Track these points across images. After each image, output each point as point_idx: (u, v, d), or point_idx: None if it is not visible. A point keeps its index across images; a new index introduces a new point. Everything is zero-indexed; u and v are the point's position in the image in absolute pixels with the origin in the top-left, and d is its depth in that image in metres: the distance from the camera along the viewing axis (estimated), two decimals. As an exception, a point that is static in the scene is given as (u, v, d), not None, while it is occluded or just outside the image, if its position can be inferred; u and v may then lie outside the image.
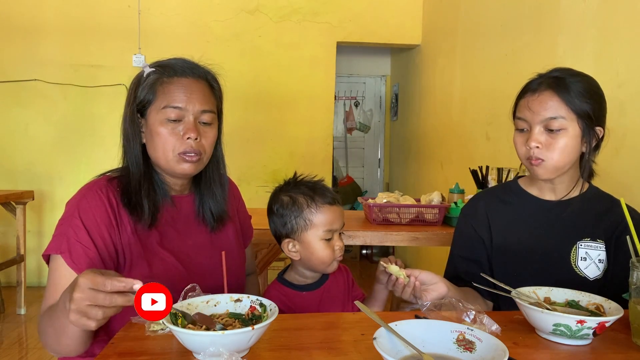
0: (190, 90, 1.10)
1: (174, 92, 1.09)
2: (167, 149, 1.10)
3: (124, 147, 1.15)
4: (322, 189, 1.20)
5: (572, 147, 1.15)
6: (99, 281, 0.76)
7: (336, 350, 0.83)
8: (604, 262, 1.19)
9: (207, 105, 1.12)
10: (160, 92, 1.10)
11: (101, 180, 1.13)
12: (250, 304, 0.90)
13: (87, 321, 0.78)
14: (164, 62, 1.15)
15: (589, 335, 0.86)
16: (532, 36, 2.54)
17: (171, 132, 1.09)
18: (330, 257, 1.18)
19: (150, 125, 1.10)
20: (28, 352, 2.85)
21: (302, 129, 4.33)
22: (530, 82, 1.20)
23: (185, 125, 1.09)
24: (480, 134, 3.09)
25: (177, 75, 1.11)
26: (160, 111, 1.09)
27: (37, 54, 4.01)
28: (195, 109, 1.10)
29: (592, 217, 1.22)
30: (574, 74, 1.17)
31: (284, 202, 1.19)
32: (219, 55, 4.27)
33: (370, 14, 4.34)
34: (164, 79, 1.10)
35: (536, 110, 1.14)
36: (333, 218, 1.17)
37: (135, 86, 1.12)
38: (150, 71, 1.11)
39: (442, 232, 2.16)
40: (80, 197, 1.08)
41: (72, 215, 1.05)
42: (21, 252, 3.48)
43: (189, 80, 1.11)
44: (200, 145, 1.11)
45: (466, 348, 0.78)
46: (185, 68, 1.13)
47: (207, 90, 1.14)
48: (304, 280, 1.23)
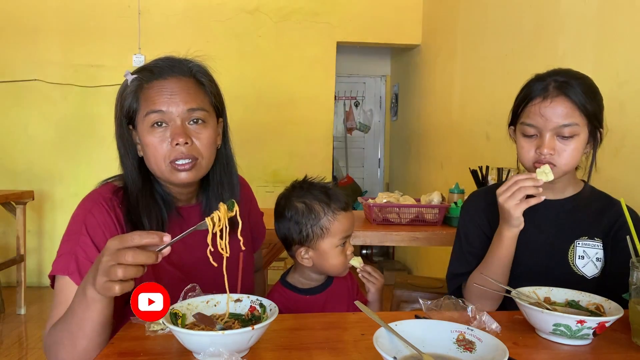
0: (171, 91, 1.01)
1: (154, 96, 1.00)
2: (158, 159, 1.01)
3: (120, 161, 1.08)
4: (336, 194, 1.18)
5: (581, 150, 1.15)
6: (126, 238, 0.75)
7: (336, 350, 0.83)
8: (601, 260, 1.20)
9: (193, 103, 1.02)
10: (142, 99, 1.02)
11: (107, 191, 1.06)
12: (250, 304, 0.90)
13: (110, 284, 0.75)
14: (146, 65, 1.06)
15: (589, 335, 0.86)
16: (532, 36, 2.54)
17: (160, 140, 1.00)
18: (345, 264, 1.17)
19: (140, 136, 1.03)
20: (28, 352, 2.85)
21: (302, 129, 4.33)
22: (534, 86, 1.16)
23: (172, 130, 1.00)
24: (480, 134, 3.09)
25: (156, 78, 1.02)
26: (144, 119, 1.01)
27: (37, 54, 4.01)
28: (179, 110, 1.00)
29: (589, 216, 1.23)
30: (575, 76, 1.16)
31: (299, 209, 1.16)
32: (219, 55, 4.26)
33: (370, 14, 4.34)
34: (144, 84, 1.02)
35: (549, 116, 1.11)
36: (348, 225, 1.17)
37: (120, 97, 1.05)
38: (133, 78, 1.03)
39: (442, 232, 2.16)
40: (87, 212, 1.01)
41: (79, 232, 0.98)
42: (21, 252, 3.48)
43: (169, 80, 1.02)
44: (194, 149, 1.02)
45: (466, 348, 0.78)
46: (165, 68, 1.03)
47: (194, 87, 1.04)
48: (308, 284, 1.22)
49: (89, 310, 0.82)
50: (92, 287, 0.79)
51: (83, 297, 0.82)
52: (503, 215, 1.15)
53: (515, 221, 1.13)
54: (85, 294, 0.81)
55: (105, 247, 0.77)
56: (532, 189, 1.10)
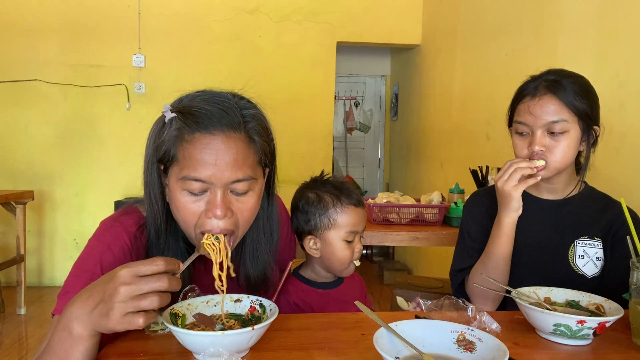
0: (216, 154, 0.82)
1: (196, 156, 0.82)
2: (188, 225, 0.87)
3: (145, 195, 0.92)
4: (349, 190, 1.20)
5: (573, 148, 1.16)
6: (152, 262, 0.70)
7: (336, 350, 0.83)
8: (601, 259, 1.21)
9: (240, 173, 0.84)
10: (181, 154, 0.84)
11: (132, 223, 0.93)
12: (250, 304, 0.90)
13: (132, 317, 0.69)
14: (190, 104, 0.86)
15: (589, 335, 0.86)
16: (532, 36, 2.54)
17: (192, 203, 0.85)
18: (349, 259, 1.18)
19: (170, 189, 0.88)
20: (28, 352, 2.85)
21: (302, 129, 4.33)
22: (526, 86, 1.20)
23: (210, 199, 0.85)
24: (480, 134, 3.09)
25: (200, 130, 0.83)
26: (179, 178, 0.85)
27: (37, 54, 4.01)
28: (223, 181, 0.84)
29: (589, 216, 1.24)
30: (567, 75, 1.18)
31: (309, 198, 1.20)
32: (219, 55, 4.29)
33: (370, 14, 4.34)
34: (185, 134, 0.83)
35: (538, 114, 1.15)
36: (357, 220, 1.18)
37: (155, 136, 0.88)
38: (172, 117, 0.84)
39: (442, 232, 2.16)
40: (105, 247, 0.90)
41: (92, 271, 0.87)
42: (21, 252, 3.48)
43: (216, 137, 0.83)
44: (231, 223, 0.87)
45: (466, 348, 0.78)
46: (214, 117, 0.83)
47: (243, 147, 0.85)
48: (319, 279, 1.24)
49: (74, 351, 0.73)
50: (81, 324, 0.71)
51: (67, 336, 0.72)
52: (502, 200, 1.18)
53: (515, 203, 1.16)
54: (71, 332, 0.72)
55: (114, 275, 0.70)
56: (527, 169, 1.15)
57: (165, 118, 0.85)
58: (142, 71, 4.09)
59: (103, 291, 0.71)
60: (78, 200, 4.10)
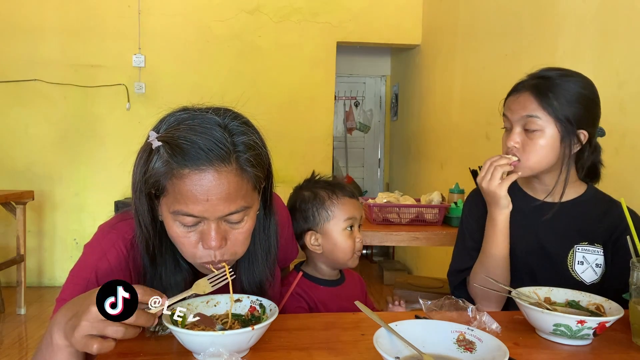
0: (208, 191, 0.78)
1: (186, 194, 0.79)
2: (187, 254, 0.87)
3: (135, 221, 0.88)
4: (341, 184, 1.26)
5: (548, 148, 1.15)
6: None
7: (336, 350, 0.83)
8: (601, 266, 1.18)
9: (233, 206, 0.81)
10: (170, 189, 0.80)
11: (130, 230, 0.91)
12: (250, 305, 0.90)
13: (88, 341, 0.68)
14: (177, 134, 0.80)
15: (589, 335, 0.86)
16: (532, 36, 2.54)
17: (188, 235, 0.84)
18: (351, 248, 1.20)
19: (164, 216, 0.86)
20: (28, 352, 2.85)
21: (302, 129, 4.33)
22: (517, 83, 1.22)
23: (203, 231, 0.83)
24: (480, 134, 3.09)
25: (189, 166, 0.78)
26: (170, 211, 0.83)
27: (37, 54, 4.01)
28: (216, 215, 0.81)
29: (590, 220, 1.21)
30: (565, 75, 1.16)
31: (305, 197, 1.24)
32: (219, 55, 4.29)
33: (370, 14, 4.34)
34: (174, 169, 0.79)
35: (514, 109, 1.18)
36: (353, 209, 1.22)
37: (142, 161, 0.83)
38: (158, 146, 0.80)
39: (442, 232, 2.16)
40: (101, 255, 0.89)
41: (87, 279, 0.87)
42: (21, 252, 3.48)
43: (207, 174, 0.78)
44: (227, 251, 0.85)
45: (466, 348, 0.78)
46: (202, 151, 0.78)
47: (236, 181, 0.81)
48: (322, 277, 1.26)
49: (55, 358, 0.72)
50: (59, 333, 0.71)
51: (49, 343, 0.72)
52: (490, 199, 1.20)
53: (503, 200, 1.18)
54: (52, 340, 0.71)
55: (88, 311, 0.68)
56: (506, 166, 1.17)
57: (152, 145, 0.81)
58: (142, 71, 4.09)
59: (81, 305, 0.70)
60: (78, 200, 4.10)
